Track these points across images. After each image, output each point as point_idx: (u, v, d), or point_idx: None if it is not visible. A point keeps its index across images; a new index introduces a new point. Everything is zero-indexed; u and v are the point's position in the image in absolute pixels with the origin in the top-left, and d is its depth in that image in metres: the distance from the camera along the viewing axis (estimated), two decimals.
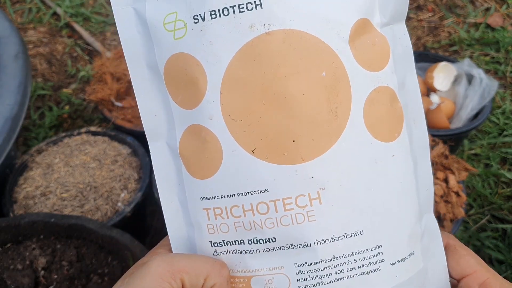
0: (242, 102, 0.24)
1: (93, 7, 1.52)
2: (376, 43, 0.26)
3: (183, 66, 0.25)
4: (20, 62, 0.89)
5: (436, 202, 0.75)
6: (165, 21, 0.25)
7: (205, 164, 0.26)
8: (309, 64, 0.24)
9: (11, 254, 0.64)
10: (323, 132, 0.24)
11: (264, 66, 0.24)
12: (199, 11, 0.24)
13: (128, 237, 0.63)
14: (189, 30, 0.24)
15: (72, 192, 0.81)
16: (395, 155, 0.26)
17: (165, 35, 0.25)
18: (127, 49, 0.27)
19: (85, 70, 1.32)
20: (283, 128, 0.24)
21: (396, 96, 0.27)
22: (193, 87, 0.25)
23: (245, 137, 0.24)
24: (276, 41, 0.23)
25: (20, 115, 0.82)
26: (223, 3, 0.23)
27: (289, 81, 0.24)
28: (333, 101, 0.24)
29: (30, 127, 1.17)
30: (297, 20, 0.23)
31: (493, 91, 1.07)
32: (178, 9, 0.25)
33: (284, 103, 0.24)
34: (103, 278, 0.62)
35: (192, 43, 0.24)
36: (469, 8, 1.56)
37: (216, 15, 0.24)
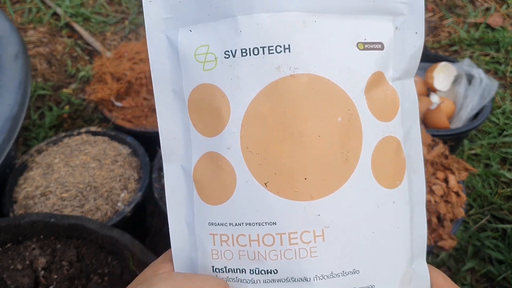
0: (261, 137, 0.26)
1: (93, 7, 1.52)
2: (388, 95, 0.28)
3: (208, 96, 0.27)
4: (20, 62, 0.89)
5: (436, 202, 0.75)
6: (196, 52, 0.27)
7: (218, 191, 0.27)
8: (327, 108, 0.25)
9: (11, 254, 0.64)
10: (333, 173, 0.26)
11: (286, 106, 0.25)
12: (231, 47, 0.25)
13: (128, 237, 0.63)
14: (219, 63, 0.26)
15: (72, 192, 0.81)
16: (395, 201, 0.27)
17: (195, 65, 0.27)
18: (156, 73, 0.28)
19: (85, 70, 1.32)
20: (297, 165, 0.25)
21: (401, 146, 0.29)
22: (216, 117, 0.26)
23: (260, 170, 0.26)
24: (299, 84, 0.25)
25: (20, 115, 0.82)
26: (254, 43, 0.25)
27: (307, 122, 0.25)
28: (346, 145, 0.26)
29: (30, 127, 1.17)
30: (320, 66, 0.25)
31: (493, 91, 1.07)
32: (210, 43, 0.26)
33: (300, 142, 0.25)
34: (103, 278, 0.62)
35: (220, 76, 0.26)
36: (469, 8, 1.56)
37: (246, 53, 0.25)
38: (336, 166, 0.26)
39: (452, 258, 0.97)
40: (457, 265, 0.96)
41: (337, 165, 0.26)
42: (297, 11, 0.25)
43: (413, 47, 0.28)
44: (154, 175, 0.85)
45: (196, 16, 0.26)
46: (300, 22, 0.25)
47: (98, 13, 1.51)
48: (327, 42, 0.26)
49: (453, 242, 0.74)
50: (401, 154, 0.28)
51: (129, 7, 1.55)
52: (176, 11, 0.27)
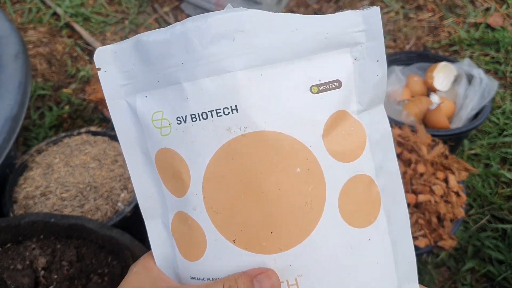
0: (223, 197, 0.26)
1: (93, 7, 1.52)
2: (351, 132, 0.27)
3: (170, 160, 0.27)
4: (20, 62, 0.89)
5: (436, 202, 0.75)
6: (153, 118, 0.27)
7: (192, 248, 0.28)
8: (284, 162, 0.25)
9: (11, 254, 0.64)
10: (299, 224, 0.26)
11: (241, 165, 0.25)
12: (181, 113, 0.26)
13: (128, 237, 0.63)
14: (174, 129, 0.26)
15: (72, 192, 0.81)
16: (371, 238, 0.27)
17: (153, 130, 0.27)
18: (122, 137, 0.29)
19: (85, 70, 1.32)
20: (262, 220, 0.26)
21: (373, 181, 0.28)
22: (179, 180, 0.27)
23: (226, 228, 0.26)
24: (251, 142, 0.25)
25: (20, 115, 0.82)
26: (202, 108, 0.25)
27: (265, 178, 0.25)
28: (308, 194, 0.26)
29: (30, 127, 1.17)
30: (271, 122, 0.25)
31: (493, 91, 1.07)
32: (163, 109, 0.26)
33: (261, 198, 0.25)
34: (103, 278, 0.62)
35: (176, 141, 0.26)
36: (469, 8, 1.56)
37: (196, 118, 0.25)
38: (301, 216, 0.26)
39: (452, 258, 0.97)
40: (457, 265, 0.96)
41: (302, 215, 0.26)
42: (240, 70, 0.25)
43: (375, 76, 0.27)
44: None
45: (148, 82, 0.27)
46: (245, 80, 0.25)
47: (98, 13, 1.51)
48: (276, 94, 0.25)
49: (453, 242, 0.74)
50: (374, 189, 0.28)
51: (129, 7, 1.55)
52: (130, 77, 0.27)
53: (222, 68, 0.25)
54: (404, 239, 0.29)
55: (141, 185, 0.29)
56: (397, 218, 0.29)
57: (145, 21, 1.51)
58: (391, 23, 1.55)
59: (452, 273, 0.95)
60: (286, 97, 0.25)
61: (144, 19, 1.51)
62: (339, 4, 1.61)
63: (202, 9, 1.50)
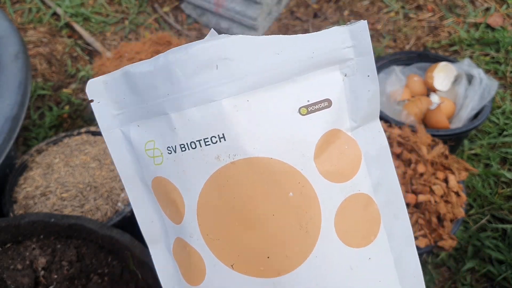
0: (218, 224, 0.26)
1: (93, 7, 1.52)
2: (345, 151, 0.27)
3: (164, 188, 0.27)
4: (20, 62, 0.89)
5: (436, 202, 0.75)
6: (146, 147, 0.27)
7: (193, 273, 0.28)
8: (275, 187, 0.25)
9: (11, 254, 0.64)
10: (295, 248, 0.25)
11: (233, 192, 0.25)
12: (171, 143, 0.26)
13: (128, 237, 0.63)
14: (165, 159, 0.26)
15: (72, 192, 0.81)
16: (371, 257, 0.27)
17: (147, 159, 0.27)
18: (120, 167, 0.29)
19: (85, 70, 1.32)
20: (257, 246, 0.26)
21: (371, 198, 0.28)
22: (175, 207, 0.27)
23: (224, 253, 0.26)
24: (241, 169, 0.25)
25: (20, 115, 0.82)
26: (190, 138, 0.25)
27: (258, 204, 0.25)
28: (303, 218, 0.25)
29: (30, 127, 1.17)
30: (259, 148, 0.25)
31: (493, 91, 1.07)
32: (155, 138, 0.27)
33: (255, 223, 0.25)
34: (103, 278, 0.62)
35: (168, 170, 0.27)
36: (469, 8, 1.56)
37: (185, 148, 0.25)
38: (297, 240, 0.25)
39: (452, 258, 0.97)
40: (457, 265, 0.96)
41: (298, 239, 0.25)
42: (226, 97, 0.24)
43: (367, 91, 0.26)
44: None
45: (139, 112, 0.27)
46: (231, 107, 0.24)
47: (98, 13, 1.51)
48: (263, 119, 0.25)
49: (453, 242, 0.74)
50: (372, 207, 0.28)
51: (129, 7, 1.55)
52: (122, 107, 0.27)
53: (207, 97, 0.24)
54: (407, 253, 0.28)
55: (142, 211, 0.30)
56: (399, 232, 0.28)
57: (145, 21, 1.51)
58: (391, 23, 1.55)
59: (452, 273, 0.95)
60: (274, 121, 0.25)
61: (144, 19, 1.51)
62: (339, 4, 1.61)
63: (202, 9, 1.51)
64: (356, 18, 1.57)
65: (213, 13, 1.49)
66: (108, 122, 0.28)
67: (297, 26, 1.54)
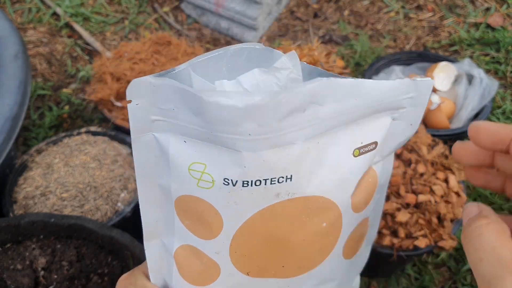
0: (250, 245, 0.27)
1: (93, 7, 1.52)
2: (369, 184, 0.28)
3: (200, 208, 0.26)
4: (20, 62, 0.89)
5: (437, 202, 0.75)
6: (191, 167, 0.25)
7: (200, 276, 0.28)
8: (315, 219, 0.27)
9: (11, 254, 0.64)
10: (309, 263, 0.29)
11: (277, 222, 0.26)
12: (231, 177, 0.24)
13: (128, 237, 0.63)
14: (217, 187, 0.25)
15: (72, 192, 0.81)
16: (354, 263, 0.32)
17: (188, 178, 0.25)
18: (140, 169, 0.27)
19: (85, 70, 1.31)
20: (278, 260, 0.28)
21: (368, 220, 0.30)
22: (206, 227, 0.27)
23: (244, 265, 0.28)
24: (294, 205, 0.26)
25: (20, 115, 0.81)
26: (258, 177, 0.24)
27: (294, 231, 0.27)
28: (325, 242, 0.28)
29: (30, 127, 1.17)
30: (316, 188, 0.26)
31: (494, 91, 1.07)
32: (208, 163, 0.25)
33: (284, 246, 0.27)
34: (103, 278, 0.62)
35: (216, 198, 0.25)
36: (469, 8, 1.56)
37: (248, 185, 0.25)
38: (313, 257, 0.28)
39: (453, 258, 0.97)
40: (457, 265, 0.96)
41: (314, 257, 0.28)
42: (303, 141, 0.24)
43: (404, 136, 0.28)
44: None
45: (194, 132, 0.24)
46: (305, 150, 0.25)
47: (98, 13, 1.51)
48: (325, 161, 0.25)
49: (454, 242, 0.74)
50: (366, 224, 0.31)
51: (129, 7, 1.55)
52: (167, 116, 0.25)
53: (288, 140, 0.24)
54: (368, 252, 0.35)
55: (148, 210, 0.28)
56: (371, 238, 0.33)
57: (145, 21, 1.51)
58: (391, 23, 1.55)
59: (452, 273, 0.95)
60: (333, 162, 0.26)
61: (144, 19, 1.51)
62: (339, 4, 1.61)
63: (202, 9, 1.50)
64: (356, 18, 1.57)
65: (213, 13, 1.48)
66: (142, 126, 0.25)
67: (297, 26, 1.54)
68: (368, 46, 1.43)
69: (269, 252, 0.27)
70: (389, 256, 0.77)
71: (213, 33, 1.50)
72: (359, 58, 1.39)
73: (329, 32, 1.52)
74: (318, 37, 1.49)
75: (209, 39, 1.48)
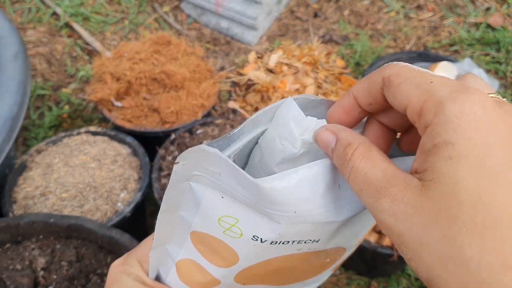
0: (257, 273, 0.29)
1: (92, 7, 1.52)
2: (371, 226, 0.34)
3: (221, 248, 0.28)
4: (20, 62, 0.88)
5: None
6: (222, 218, 0.26)
7: (198, 285, 0.31)
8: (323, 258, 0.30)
9: (10, 254, 0.64)
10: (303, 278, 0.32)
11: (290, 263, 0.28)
12: (262, 237, 0.26)
13: (128, 237, 0.63)
14: (244, 240, 0.26)
15: (72, 192, 0.81)
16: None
17: (215, 225, 0.27)
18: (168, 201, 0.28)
19: (85, 70, 1.31)
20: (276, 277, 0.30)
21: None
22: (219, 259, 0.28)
23: (243, 280, 0.30)
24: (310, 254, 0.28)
25: (19, 115, 0.81)
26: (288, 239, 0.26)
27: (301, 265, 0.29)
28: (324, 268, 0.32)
29: (30, 127, 1.17)
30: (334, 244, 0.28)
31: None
32: (241, 220, 0.26)
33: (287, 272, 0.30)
34: (103, 278, 0.62)
35: (241, 246, 0.27)
36: (470, 8, 1.56)
37: (276, 243, 0.26)
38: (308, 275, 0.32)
39: None
40: None
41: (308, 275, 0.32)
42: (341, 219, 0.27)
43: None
44: (153, 175, 0.85)
45: (235, 195, 0.25)
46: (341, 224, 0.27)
47: (97, 12, 1.51)
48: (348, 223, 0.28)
49: None
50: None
51: (129, 6, 1.55)
52: (210, 175, 0.25)
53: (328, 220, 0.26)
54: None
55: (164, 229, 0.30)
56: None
57: (144, 21, 1.51)
58: (392, 23, 1.55)
59: None
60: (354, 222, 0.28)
61: (143, 19, 1.51)
62: (339, 4, 1.61)
63: (201, 9, 1.50)
64: (356, 17, 1.57)
65: (213, 13, 1.48)
66: (182, 178, 0.27)
67: (297, 25, 1.54)
68: (368, 46, 1.43)
69: (271, 274, 0.29)
70: (389, 256, 0.76)
71: (213, 32, 1.50)
72: (359, 58, 1.39)
73: (329, 32, 1.51)
74: (318, 37, 1.49)
75: (209, 38, 1.48)
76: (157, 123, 0.97)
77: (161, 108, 0.96)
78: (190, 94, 0.99)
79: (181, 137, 0.90)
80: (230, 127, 0.90)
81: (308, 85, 1.02)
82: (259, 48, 1.44)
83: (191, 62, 1.04)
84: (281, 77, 1.03)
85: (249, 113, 1.01)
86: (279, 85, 1.01)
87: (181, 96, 0.98)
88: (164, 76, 0.99)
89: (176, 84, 1.00)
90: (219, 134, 0.87)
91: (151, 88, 1.01)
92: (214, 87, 1.03)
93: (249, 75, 1.04)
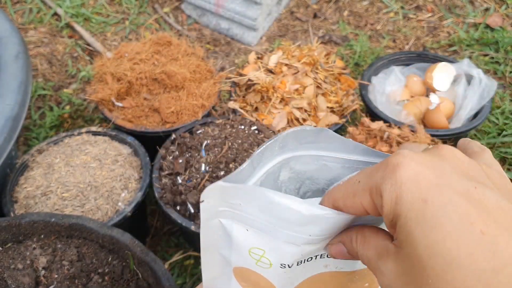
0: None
1: (93, 8, 1.52)
2: None
3: (257, 279, 0.29)
4: (21, 62, 0.89)
5: None
6: (251, 250, 0.28)
7: None
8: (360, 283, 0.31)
9: (11, 253, 0.65)
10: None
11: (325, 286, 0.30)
12: (288, 262, 0.27)
13: (129, 236, 0.64)
14: (273, 268, 0.28)
15: (73, 191, 0.81)
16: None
17: (248, 257, 0.29)
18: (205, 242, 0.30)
19: (86, 70, 1.32)
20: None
21: None
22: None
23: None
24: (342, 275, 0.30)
25: (20, 115, 0.82)
26: (311, 255, 0.28)
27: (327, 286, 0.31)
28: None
29: (31, 127, 1.18)
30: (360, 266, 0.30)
31: (493, 91, 1.07)
32: (267, 250, 0.27)
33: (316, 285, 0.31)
34: (104, 277, 0.63)
35: (273, 275, 0.29)
36: (469, 8, 1.56)
37: (302, 262, 0.28)
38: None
39: None
40: None
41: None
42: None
43: None
44: (154, 175, 0.85)
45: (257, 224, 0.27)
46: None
47: (98, 13, 1.52)
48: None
49: None
50: None
51: (130, 7, 1.55)
52: (233, 207, 0.27)
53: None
54: None
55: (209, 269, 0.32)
56: None
57: (145, 22, 1.51)
58: (391, 24, 1.55)
59: None
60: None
61: (144, 20, 1.52)
62: (338, 5, 1.62)
63: (202, 10, 1.51)
64: (356, 18, 1.57)
65: (213, 14, 1.49)
66: (211, 215, 0.28)
67: (297, 26, 1.55)
68: (367, 47, 1.44)
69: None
70: None
71: (213, 33, 1.50)
72: (358, 59, 1.40)
73: (328, 33, 1.52)
74: (318, 38, 1.49)
75: (209, 39, 1.48)
76: (158, 123, 0.97)
77: (161, 108, 0.96)
78: (191, 94, 1.00)
79: (181, 137, 0.90)
80: (230, 127, 0.90)
81: (307, 85, 1.02)
82: (259, 49, 1.44)
83: (192, 63, 1.05)
84: (281, 77, 1.04)
85: (249, 113, 1.01)
86: (279, 85, 1.02)
87: (181, 96, 0.99)
88: (164, 76, 1.00)
89: (177, 84, 1.00)
90: (219, 134, 0.88)
91: (151, 88, 1.01)
92: (214, 87, 1.03)
93: (249, 76, 1.05)
